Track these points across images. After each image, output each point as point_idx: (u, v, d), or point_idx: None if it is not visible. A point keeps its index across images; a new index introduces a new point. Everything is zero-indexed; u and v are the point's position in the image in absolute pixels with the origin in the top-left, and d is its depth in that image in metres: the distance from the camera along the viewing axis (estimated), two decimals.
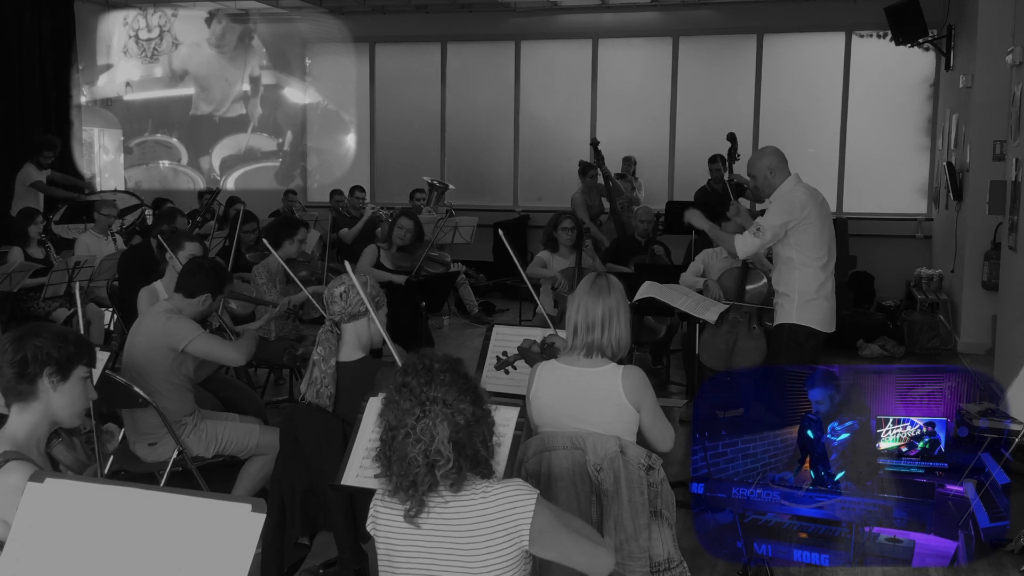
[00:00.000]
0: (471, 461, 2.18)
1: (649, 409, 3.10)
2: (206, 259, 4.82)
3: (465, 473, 2.17)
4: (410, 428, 2.16)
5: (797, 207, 4.68)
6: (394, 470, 2.18)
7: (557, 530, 2.22)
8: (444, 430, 2.15)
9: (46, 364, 2.53)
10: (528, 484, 2.24)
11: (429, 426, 2.15)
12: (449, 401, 2.18)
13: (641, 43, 11.84)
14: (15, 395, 2.55)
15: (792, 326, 4.77)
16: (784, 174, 4.81)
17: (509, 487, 2.19)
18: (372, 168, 12.78)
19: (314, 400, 3.41)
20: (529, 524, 2.15)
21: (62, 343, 2.57)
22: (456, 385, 2.20)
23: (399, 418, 2.19)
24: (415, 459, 2.15)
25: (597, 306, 3.10)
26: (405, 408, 2.18)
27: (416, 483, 2.15)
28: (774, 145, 4.99)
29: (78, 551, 1.84)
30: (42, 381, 2.54)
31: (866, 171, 10.96)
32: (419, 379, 2.20)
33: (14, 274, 6.94)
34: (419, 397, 2.18)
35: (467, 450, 2.17)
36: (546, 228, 6.96)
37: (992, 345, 7.51)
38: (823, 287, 4.76)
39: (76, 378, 2.60)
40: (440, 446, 2.14)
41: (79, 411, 2.64)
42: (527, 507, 2.16)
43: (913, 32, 9.18)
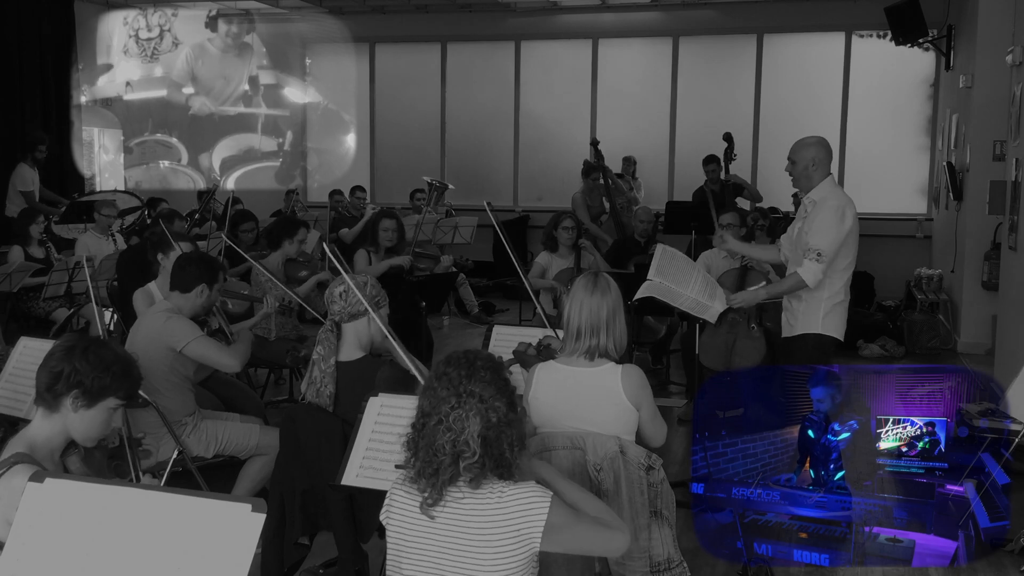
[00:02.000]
0: (495, 460, 2.20)
1: (647, 408, 3.11)
2: (195, 251, 4.81)
3: (487, 471, 2.19)
4: (443, 416, 2.20)
5: (848, 217, 4.42)
6: (420, 456, 2.21)
7: (572, 523, 2.24)
8: (476, 424, 2.19)
9: (74, 388, 2.53)
10: (542, 487, 2.25)
11: (461, 417, 2.19)
12: (486, 397, 2.21)
13: (641, 43, 11.85)
14: (42, 401, 2.57)
15: (818, 337, 4.48)
16: (825, 171, 4.56)
17: (525, 490, 2.20)
18: (372, 168, 12.78)
19: (314, 400, 3.41)
20: (542, 527, 2.17)
21: (101, 373, 2.56)
22: (495, 384, 2.24)
23: (433, 405, 2.22)
24: (443, 447, 2.18)
25: (601, 308, 3.09)
26: (441, 396, 2.21)
27: (439, 471, 2.18)
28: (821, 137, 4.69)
29: (78, 551, 1.84)
30: (66, 400, 2.54)
31: (866, 171, 10.96)
32: (460, 371, 2.23)
33: (14, 274, 6.94)
34: (457, 388, 2.21)
35: (494, 449, 2.20)
36: (546, 228, 6.95)
37: (992, 345, 7.51)
38: (845, 297, 4.54)
39: (102, 407, 2.59)
40: (469, 438, 2.18)
41: (94, 436, 2.64)
42: (541, 510, 2.17)
43: (913, 32, 9.18)
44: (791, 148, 4.67)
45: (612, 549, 2.34)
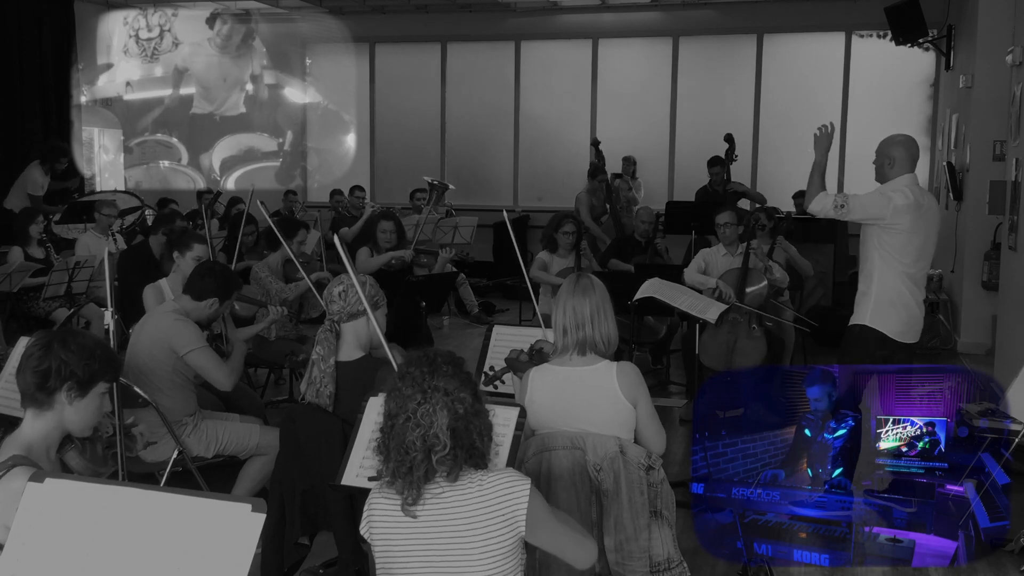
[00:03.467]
0: (467, 451, 2.22)
1: (644, 405, 3.11)
2: (217, 263, 4.84)
3: (461, 462, 2.21)
4: (410, 413, 2.21)
5: (889, 209, 4.44)
6: (392, 456, 2.23)
7: (550, 518, 2.29)
8: (443, 417, 2.20)
9: (67, 380, 2.53)
10: (519, 472, 2.30)
11: (429, 412, 2.20)
12: (450, 390, 2.23)
13: (641, 43, 11.85)
14: (32, 401, 2.56)
15: (862, 328, 4.54)
16: (902, 170, 4.56)
17: (503, 475, 2.24)
18: (372, 168, 12.78)
19: (314, 400, 3.41)
20: (526, 510, 2.20)
21: (88, 360, 2.56)
22: (458, 377, 2.27)
23: (400, 404, 2.24)
24: (413, 443, 2.19)
25: (584, 304, 3.12)
26: (407, 395, 2.23)
27: (412, 468, 2.19)
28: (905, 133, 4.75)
29: (78, 551, 1.84)
30: (60, 395, 2.54)
31: (866, 171, 10.92)
32: (422, 368, 2.26)
33: (14, 274, 6.94)
34: (421, 385, 2.23)
35: (464, 440, 2.22)
36: (546, 229, 6.95)
37: (992, 345, 7.51)
38: (903, 295, 4.50)
39: (94, 394, 2.60)
40: (439, 431, 2.19)
41: (90, 424, 2.65)
42: (522, 493, 2.21)
43: (913, 32, 9.18)
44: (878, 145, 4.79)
45: (582, 558, 2.36)
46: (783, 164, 11.26)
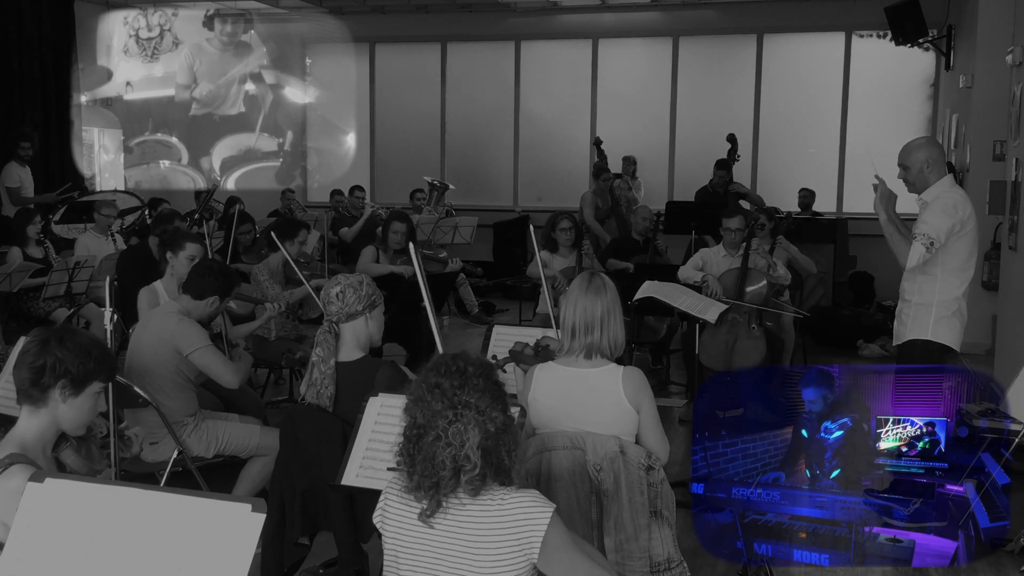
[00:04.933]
0: (495, 468, 2.16)
1: (647, 411, 3.09)
2: (215, 261, 4.83)
3: (488, 480, 2.15)
4: (441, 431, 2.14)
5: (958, 217, 4.20)
6: (418, 469, 2.17)
7: (569, 548, 2.19)
8: (475, 436, 2.14)
9: (61, 377, 2.53)
10: (544, 497, 2.21)
11: (460, 431, 2.14)
12: (482, 408, 2.16)
13: (641, 43, 11.85)
14: (27, 398, 2.56)
15: (926, 343, 4.26)
16: (941, 171, 4.35)
17: (527, 497, 2.17)
18: (372, 168, 12.78)
19: (314, 401, 3.41)
20: (542, 537, 2.13)
21: (84, 358, 2.56)
22: (489, 392, 2.19)
23: (429, 419, 2.16)
24: (443, 462, 2.13)
25: (596, 306, 3.09)
26: (436, 409, 2.16)
27: (439, 485, 2.14)
28: (929, 135, 4.51)
29: (78, 551, 1.84)
30: (54, 392, 2.54)
31: (866, 171, 10.94)
32: (452, 381, 2.17)
33: (14, 274, 6.93)
34: (451, 400, 2.16)
35: (493, 457, 2.16)
36: (544, 229, 6.94)
37: (992, 345, 7.51)
38: (960, 303, 4.30)
39: (88, 393, 2.60)
40: (470, 451, 2.13)
41: (84, 423, 2.65)
42: (542, 520, 2.14)
43: (913, 32, 9.18)
44: (900, 154, 4.47)
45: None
46: (783, 164, 11.27)
